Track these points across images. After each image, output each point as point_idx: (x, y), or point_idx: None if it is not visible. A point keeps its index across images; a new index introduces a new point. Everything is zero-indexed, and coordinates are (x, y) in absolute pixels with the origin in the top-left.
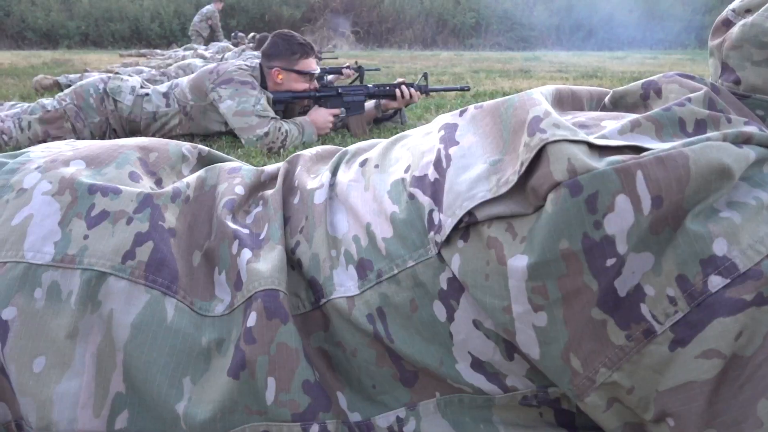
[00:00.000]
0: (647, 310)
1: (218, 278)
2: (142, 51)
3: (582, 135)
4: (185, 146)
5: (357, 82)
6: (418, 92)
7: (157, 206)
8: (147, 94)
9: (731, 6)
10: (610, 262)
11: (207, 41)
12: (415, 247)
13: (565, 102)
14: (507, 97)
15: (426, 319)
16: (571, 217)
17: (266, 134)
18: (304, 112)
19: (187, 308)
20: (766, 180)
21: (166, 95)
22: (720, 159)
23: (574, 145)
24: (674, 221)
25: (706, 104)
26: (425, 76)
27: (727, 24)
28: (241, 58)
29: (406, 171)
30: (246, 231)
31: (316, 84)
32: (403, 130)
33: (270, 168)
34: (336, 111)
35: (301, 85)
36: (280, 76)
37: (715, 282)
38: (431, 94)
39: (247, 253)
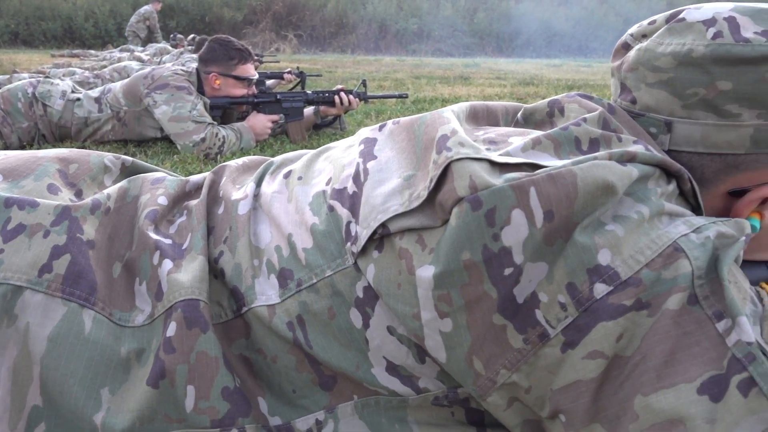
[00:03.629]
0: (542, 316)
1: (139, 289)
2: (75, 51)
3: (484, 153)
4: (107, 157)
5: (298, 88)
6: (357, 99)
7: (75, 218)
8: (78, 99)
9: (630, 31)
10: (508, 271)
11: (144, 42)
12: (333, 257)
13: (480, 117)
14: (421, 115)
15: (343, 326)
16: (472, 230)
17: (203, 140)
18: (242, 118)
19: (105, 319)
20: (648, 195)
21: (98, 100)
22: (605, 177)
23: (476, 162)
24: (565, 233)
25: (600, 124)
26: (364, 83)
27: (626, 47)
28: (180, 60)
29: (327, 183)
30: (168, 241)
31: (254, 89)
32: (343, 137)
33: (195, 178)
34: (275, 117)
35: (239, 90)
36: (218, 82)
37: (600, 289)
38: (370, 100)
39: (168, 264)
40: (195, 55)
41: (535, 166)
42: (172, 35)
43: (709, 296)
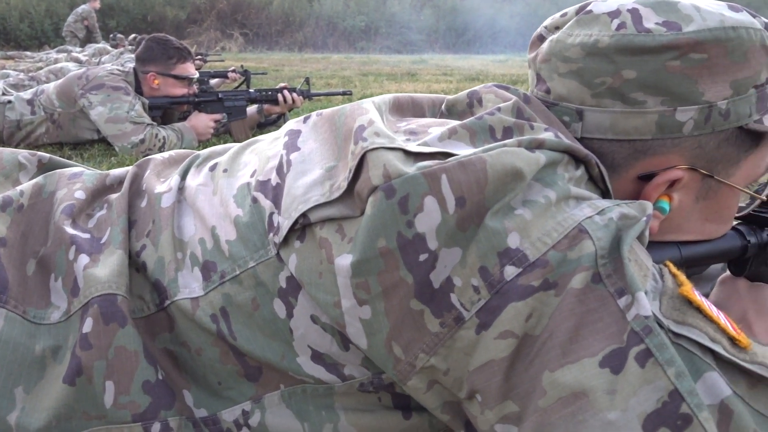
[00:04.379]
0: (456, 299)
1: (54, 285)
2: (10, 53)
3: (399, 143)
4: (22, 154)
5: (243, 86)
6: (301, 97)
7: None
8: (9, 102)
9: (545, 23)
10: (423, 257)
11: (83, 43)
12: (256, 248)
13: (405, 109)
14: (341, 106)
15: (267, 316)
16: (387, 217)
17: (142, 141)
18: (184, 118)
19: (19, 317)
20: (555, 180)
21: (30, 102)
22: (513, 163)
23: (390, 152)
24: (478, 219)
25: (514, 113)
26: (307, 80)
27: (541, 39)
28: (120, 60)
29: (252, 175)
30: (86, 236)
31: (195, 89)
32: None
33: (117, 171)
34: (217, 116)
35: (179, 90)
36: (156, 81)
37: (510, 271)
38: (315, 98)
39: (84, 259)
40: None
41: (448, 155)
42: (111, 35)
43: (612, 274)
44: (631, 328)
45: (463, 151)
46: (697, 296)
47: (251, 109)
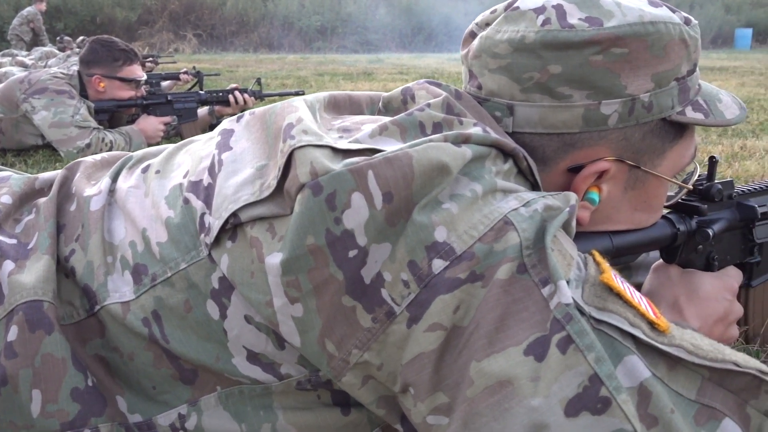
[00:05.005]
0: (387, 294)
1: None
2: None
3: (327, 140)
4: None
5: (196, 88)
6: (253, 97)
7: None
8: None
9: (476, 20)
10: (352, 253)
11: (29, 46)
12: (187, 249)
13: (342, 107)
14: (273, 104)
15: (200, 318)
16: (315, 214)
17: (88, 146)
18: (132, 121)
19: None
20: (482, 174)
21: None
22: (439, 157)
23: (318, 149)
24: (406, 213)
25: (444, 109)
26: (258, 81)
27: (472, 36)
28: (67, 64)
29: (184, 176)
30: (12, 241)
31: (143, 91)
32: None
33: (46, 175)
34: (167, 119)
35: (126, 92)
36: (102, 84)
37: (438, 264)
38: (266, 98)
39: (9, 265)
40: None
41: (376, 152)
42: (59, 38)
43: (537, 264)
44: (553, 316)
45: (393, 147)
46: (617, 283)
47: (202, 110)
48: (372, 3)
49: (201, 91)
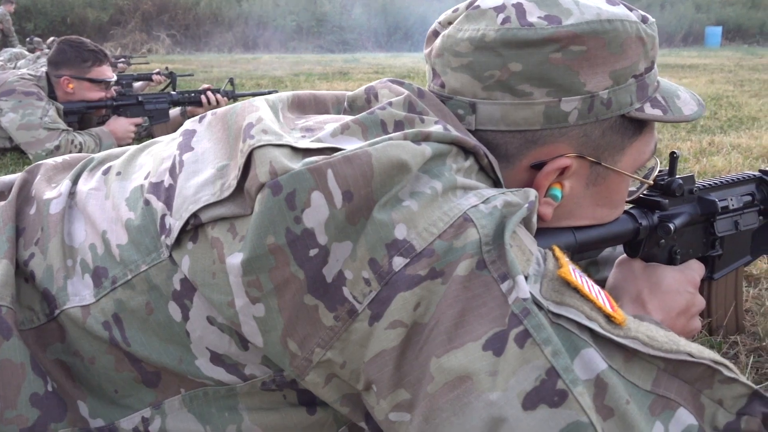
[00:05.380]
0: (349, 292)
1: None
2: None
3: (286, 139)
4: None
5: (169, 89)
6: (225, 98)
7: None
8: None
9: (439, 18)
10: (313, 252)
11: None
12: (148, 251)
13: (307, 106)
14: (234, 104)
15: (162, 320)
16: (275, 214)
17: (57, 148)
18: (102, 123)
19: None
20: (442, 172)
21: None
22: (398, 155)
23: (277, 148)
24: (366, 211)
25: (406, 107)
26: (231, 81)
27: (435, 34)
28: (37, 65)
29: (146, 177)
30: None
31: (113, 92)
32: None
33: (6, 178)
34: (137, 120)
35: (96, 94)
36: (71, 86)
37: (398, 262)
38: (240, 99)
39: None
40: None
41: (336, 150)
42: (29, 39)
43: (496, 260)
44: (511, 311)
45: (353, 146)
46: (574, 277)
47: (174, 111)
48: (348, 2)
49: (173, 92)
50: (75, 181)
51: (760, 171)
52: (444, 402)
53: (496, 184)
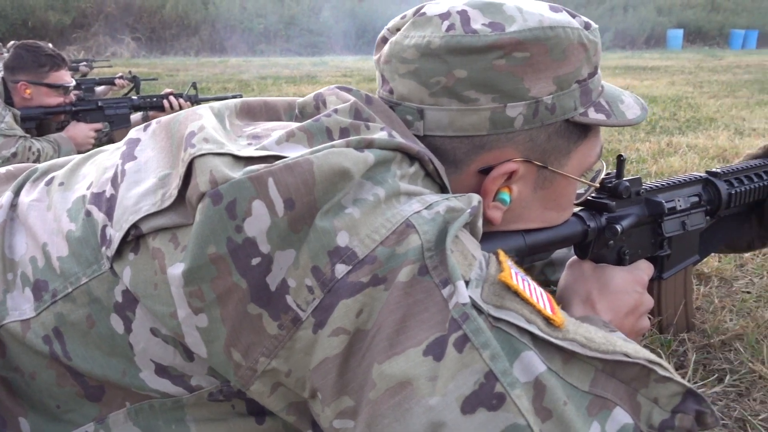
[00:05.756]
0: (292, 301)
1: None
2: None
3: (228, 148)
4: None
5: (133, 93)
6: (188, 102)
7: None
8: None
9: (387, 25)
10: (255, 261)
11: None
12: (89, 263)
13: (257, 113)
14: (178, 113)
15: (104, 333)
16: (215, 223)
17: (14, 155)
18: (61, 129)
19: None
20: (385, 178)
21: None
22: (340, 163)
23: (218, 157)
24: (309, 219)
25: (352, 114)
26: (194, 85)
27: (384, 41)
28: None
29: (88, 188)
30: None
31: (71, 97)
32: None
33: None
34: (98, 125)
35: (54, 99)
36: (28, 91)
37: (340, 269)
38: (203, 103)
39: None
40: None
41: (279, 158)
42: None
43: (438, 266)
44: (451, 316)
45: (297, 153)
46: (514, 281)
47: (136, 116)
48: (316, 5)
49: (134, 97)
50: (17, 193)
51: (706, 172)
52: (386, 408)
53: (443, 189)
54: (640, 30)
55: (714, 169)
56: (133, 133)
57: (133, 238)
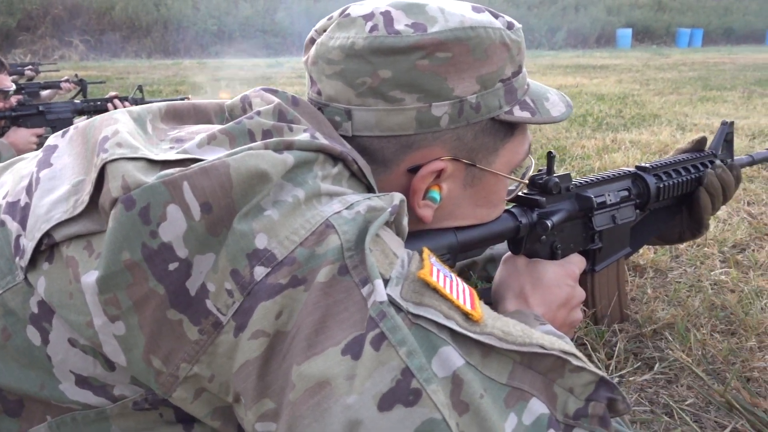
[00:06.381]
0: (212, 305)
1: None
2: None
3: (143, 152)
4: None
5: (80, 97)
6: (134, 105)
7: None
8: None
9: (315, 26)
10: (173, 266)
11: None
12: (2, 275)
13: (185, 116)
14: (94, 117)
15: (21, 345)
16: (128, 229)
17: None
18: (2, 134)
19: None
20: (305, 180)
21: None
22: (257, 165)
23: (131, 162)
24: (228, 222)
25: (276, 116)
26: (140, 88)
27: (312, 42)
28: None
29: (4, 197)
30: None
31: (12, 102)
32: None
33: None
34: (39, 130)
35: None
36: None
37: (259, 271)
38: None
39: None
40: None
41: (197, 161)
42: None
43: (358, 265)
44: (369, 315)
45: (215, 156)
46: (433, 278)
47: (79, 120)
48: (270, 6)
49: (76, 101)
50: None
51: (636, 167)
52: (305, 409)
53: (369, 189)
54: (591, 29)
55: (643, 164)
56: (51, 140)
57: (47, 247)
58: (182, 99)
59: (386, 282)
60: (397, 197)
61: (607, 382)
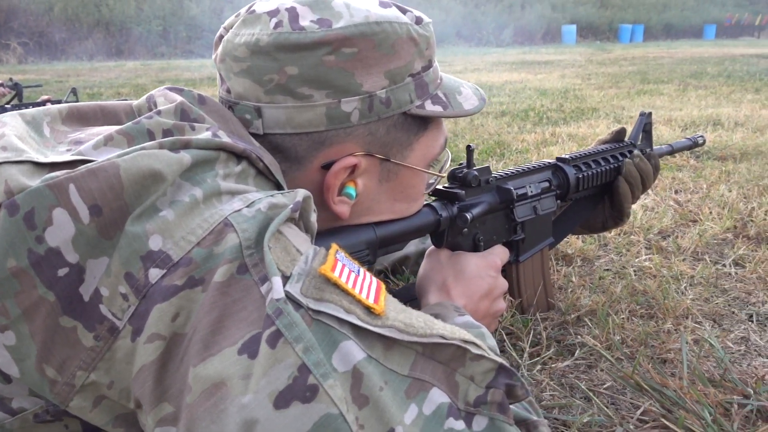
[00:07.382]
0: (107, 310)
1: None
2: None
3: (28, 155)
4: None
5: (16, 101)
6: None
7: None
8: None
9: (224, 23)
10: (62, 272)
11: None
12: None
13: (91, 118)
14: None
15: None
16: (13, 235)
17: None
18: None
19: None
20: (204, 179)
21: None
22: (150, 165)
23: (15, 165)
24: (122, 225)
25: (178, 115)
26: (74, 91)
27: (221, 39)
28: None
29: None
30: None
31: None
32: None
33: None
34: None
35: None
36: None
37: (154, 274)
38: None
39: None
40: None
41: (86, 163)
42: None
43: (258, 263)
44: (266, 313)
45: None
46: (334, 273)
47: None
48: (217, 6)
49: (6, 105)
50: None
51: (556, 158)
52: (202, 411)
53: (278, 187)
54: (537, 26)
55: (563, 155)
56: None
57: None
58: (122, 101)
59: (287, 279)
60: (301, 193)
61: (506, 369)
